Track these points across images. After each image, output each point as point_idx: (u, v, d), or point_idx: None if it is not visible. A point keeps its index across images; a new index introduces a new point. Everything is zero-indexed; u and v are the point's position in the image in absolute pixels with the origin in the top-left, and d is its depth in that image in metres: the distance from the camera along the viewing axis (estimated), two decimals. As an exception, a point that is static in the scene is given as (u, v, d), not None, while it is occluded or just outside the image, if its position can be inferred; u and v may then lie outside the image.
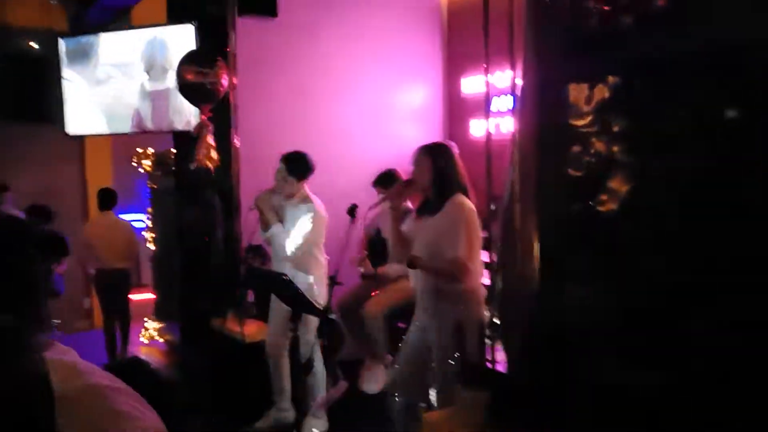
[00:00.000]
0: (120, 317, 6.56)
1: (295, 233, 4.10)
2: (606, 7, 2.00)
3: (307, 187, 4.27)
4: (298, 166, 4.19)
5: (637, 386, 2.40)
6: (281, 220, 4.23)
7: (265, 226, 4.19)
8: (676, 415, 2.30)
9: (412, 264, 3.12)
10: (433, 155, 3.22)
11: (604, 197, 2.53)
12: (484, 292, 3.30)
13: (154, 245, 7.38)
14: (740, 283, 2.08)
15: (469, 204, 3.20)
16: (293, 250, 4.07)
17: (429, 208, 3.24)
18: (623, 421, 2.42)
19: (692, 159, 2.18)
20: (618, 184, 2.47)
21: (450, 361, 3.03)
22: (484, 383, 2.86)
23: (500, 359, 3.15)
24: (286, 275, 3.52)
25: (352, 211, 3.36)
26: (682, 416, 2.29)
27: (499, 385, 2.84)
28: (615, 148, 2.44)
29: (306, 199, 4.21)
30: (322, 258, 4.23)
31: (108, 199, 6.52)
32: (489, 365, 3.10)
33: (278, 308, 4.18)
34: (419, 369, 3.21)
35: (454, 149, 5.64)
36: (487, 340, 3.20)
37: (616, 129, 2.43)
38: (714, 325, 2.17)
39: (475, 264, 3.20)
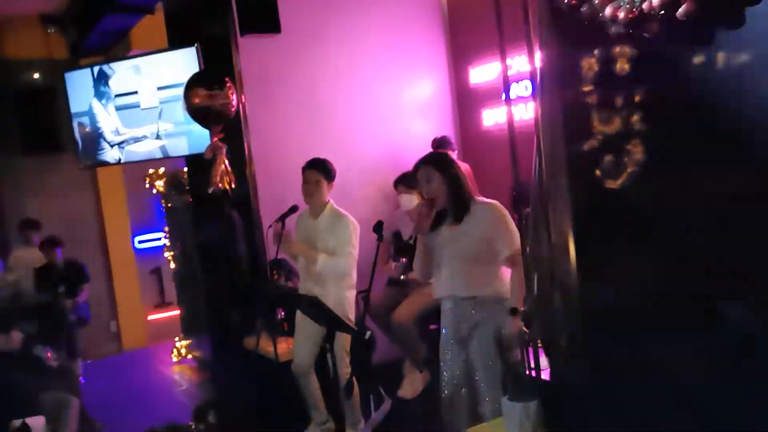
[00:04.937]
0: None
1: (343, 250, 4.06)
2: (631, 15, 1.93)
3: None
4: (329, 170, 4.17)
5: (687, 371, 2.37)
6: (311, 241, 4.17)
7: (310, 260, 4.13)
8: (728, 401, 2.27)
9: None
10: (439, 167, 3.16)
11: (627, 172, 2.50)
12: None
13: (175, 263, 7.41)
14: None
15: (496, 201, 3.19)
16: (349, 266, 4.06)
17: (448, 217, 3.19)
18: (673, 408, 2.39)
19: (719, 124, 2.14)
20: (640, 157, 2.44)
21: (494, 371, 3.00)
22: (530, 392, 2.81)
23: (544, 366, 3.10)
24: (316, 297, 3.49)
25: (378, 228, 3.31)
26: (735, 403, 2.26)
27: (545, 393, 2.79)
28: (635, 119, 2.39)
29: (338, 213, 4.17)
30: (355, 272, 4.21)
31: None
32: (533, 373, 3.06)
33: (302, 325, 4.16)
34: (465, 386, 3.18)
35: (453, 147, 5.63)
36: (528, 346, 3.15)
37: (636, 99, 2.38)
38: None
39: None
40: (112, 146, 5.50)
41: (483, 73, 6.01)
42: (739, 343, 2.19)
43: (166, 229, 7.43)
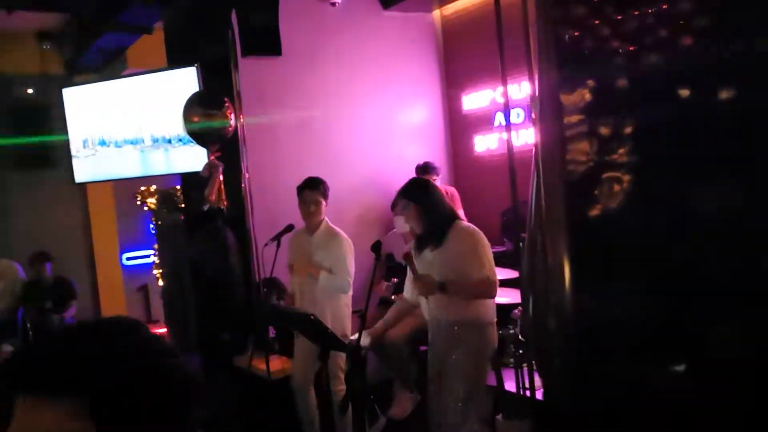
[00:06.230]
0: None
1: (341, 269, 4.11)
2: (631, 47, 2.04)
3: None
4: (325, 188, 4.22)
5: (680, 392, 2.43)
6: (306, 258, 4.22)
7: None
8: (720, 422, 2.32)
9: (443, 289, 3.15)
10: (413, 197, 3.29)
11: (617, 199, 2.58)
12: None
13: (163, 281, 7.39)
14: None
15: (475, 227, 3.29)
16: (348, 284, 4.12)
17: (428, 242, 3.28)
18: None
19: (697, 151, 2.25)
20: (626, 184, 2.52)
21: (481, 391, 3.06)
22: (524, 412, 2.87)
23: (538, 386, 3.17)
24: (313, 315, 3.53)
25: (377, 248, 3.36)
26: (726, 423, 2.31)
27: (539, 412, 2.86)
28: (624, 149, 2.48)
29: (333, 231, 4.23)
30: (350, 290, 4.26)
31: None
32: (528, 393, 3.12)
33: (303, 342, 4.19)
34: (453, 405, 3.23)
35: (437, 172, 5.73)
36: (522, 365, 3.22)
37: (628, 129, 2.47)
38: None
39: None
40: (104, 162, 5.53)
41: (475, 100, 6.14)
42: (730, 365, 2.27)
43: (155, 246, 7.43)
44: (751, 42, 1.97)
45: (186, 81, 4.86)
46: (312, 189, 4.19)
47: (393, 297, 5.04)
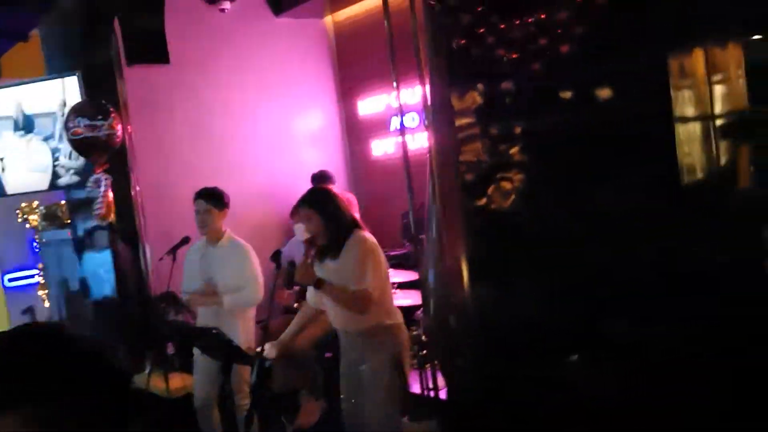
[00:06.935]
0: None
1: (248, 281, 4.02)
2: (515, 55, 2.11)
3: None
4: (218, 198, 4.10)
5: (580, 386, 2.53)
6: (208, 270, 4.09)
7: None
8: (622, 415, 2.44)
9: (318, 285, 3.14)
10: (315, 206, 3.26)
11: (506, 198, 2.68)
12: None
13: (49, 302, 6.99)
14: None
15: (371, 238, 3.26)
16: (259, 294, 4.02)
17: (328, 252, 3.27)
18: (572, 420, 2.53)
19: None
20: (517, 184, 2.63)
21: (389, 396, 3.08)
22: (429, 413, 2.91)
23: (441, 386, 3.22)
24: (216, 329, 3.43)
25: (276, 257, 3.32)
26: (629, 416, 2.43)
27: (444, 412, 2.90)
28: (513, 150, 2.59)
29: (235, 242, 4.13)
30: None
31: None
32: (431, 393, 3.16)
33: (201, 358, 4.07)
34: (362, 406, 3.23)
35: (333, 180, 5.75)
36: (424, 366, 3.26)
37: (517, 131, 2.57)
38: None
39: (384, 297, 3.26)
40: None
41: (371, 105, 6.19)
42: (626, 358, 2.38)
43: (40, 265, 7.01)
44: (628, 51, 2.09)
45: (67, 90, 4.61)
46: (202, 199, 4.09)
47: (296, 305, 5.00)
